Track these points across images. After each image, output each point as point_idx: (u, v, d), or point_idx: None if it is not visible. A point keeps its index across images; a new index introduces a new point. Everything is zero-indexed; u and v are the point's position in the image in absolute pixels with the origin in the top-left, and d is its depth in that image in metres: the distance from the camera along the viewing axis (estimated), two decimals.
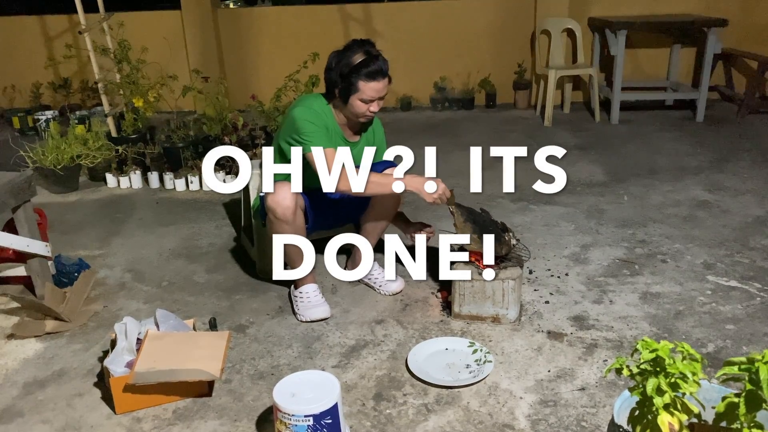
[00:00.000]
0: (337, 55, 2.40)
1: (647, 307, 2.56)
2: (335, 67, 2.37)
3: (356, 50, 2.36)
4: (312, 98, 2.49)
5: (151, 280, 2.96)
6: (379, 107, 2.45)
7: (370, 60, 2.34)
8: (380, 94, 2.40)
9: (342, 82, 2.36)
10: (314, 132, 2.37)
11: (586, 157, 4.61)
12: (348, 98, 2.38)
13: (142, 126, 4.54)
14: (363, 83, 2.34)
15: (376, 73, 2.35)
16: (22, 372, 2.28)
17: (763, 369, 0.93)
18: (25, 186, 2.57)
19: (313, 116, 2.40)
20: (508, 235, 2.55)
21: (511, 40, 6.23)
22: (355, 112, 2.42)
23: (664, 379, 0.99)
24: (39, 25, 6.49)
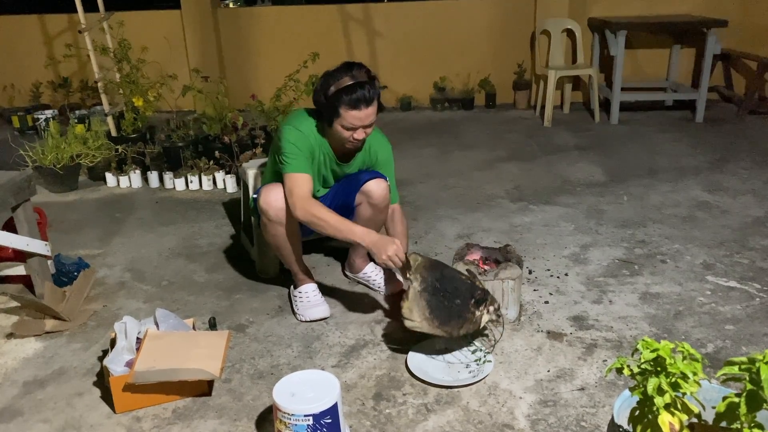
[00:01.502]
0: (325, 77, 2.32)
1: (647, 307, 2.56)
2: (320, 89, 2.30)
3: (344, 74, 2.26)
4: (303, 117, 2.42)
5: (151, 280, 2.96)
6: (367, 135, 2.35)
7: (355, 87, 2.23)
8: (363, 123, 2.29)
9: (326, 106, 2.28)
10: (293, 155, 2.32)
11: (586, 157, 4.61)
12: (331, 123, 2.30)
13: (141, 125, 4.54)
14: (344, 110, 2.24)
15: (358, 101, 2.23)
16: (22, 371, 2.28)
17: (764, 369, 0.93)
18: (24, 185, 2.57)
19: (297, 137, 2.34)
20: (480, 311, 2.19)
21: (511, 40, 6.24)
22: (338, 137, 2.35)
23: (665, 378, 0.99)
24: (39, 24, 6.48)
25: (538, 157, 4.68)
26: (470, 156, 4.77)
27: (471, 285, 2.22)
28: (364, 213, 2.52)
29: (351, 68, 2.29)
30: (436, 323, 2.15)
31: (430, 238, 3.30)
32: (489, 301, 2.21)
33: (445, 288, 2.19)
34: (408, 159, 4.61)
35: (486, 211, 3.66)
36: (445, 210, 3.68)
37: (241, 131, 4.28)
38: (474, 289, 2.21)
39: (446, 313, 2.16)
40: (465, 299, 2.17)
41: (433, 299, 2.16)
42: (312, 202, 2.30)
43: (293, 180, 2.32)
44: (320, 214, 2.26)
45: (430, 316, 2.15)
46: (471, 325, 2.17)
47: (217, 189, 4.21)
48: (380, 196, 2.48)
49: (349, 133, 2.30)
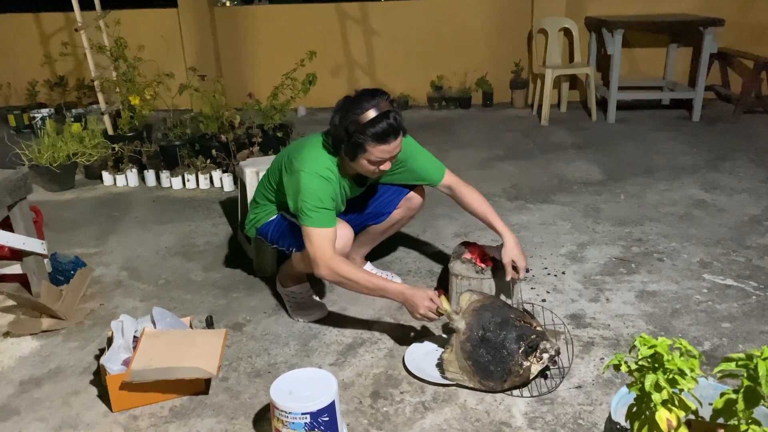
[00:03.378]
0: (343, 108, 2.10)
1: (644, 305, 2.57)
2: (341, 123, 2.09)
3: (365, 105, 2.06)
4: (320, 155, 2.21)
5: (148, 278, 2.95)
6: (392, 164, 2.20)
7: (381, 119, 2.05)
8: (392, 155, 2.13)
9: (348, 141, 2.09)
10: (316, 208, 2.12)
11: (583, 156, 4.61)
12: (355, 158, 2.13)
13: (138, 124, 4.53)
14: (372, 146, 2.07)
15: (386, 134, 2.06)
16: (18, 370, 2.27)
17: (761, 365, 0.93)
18: (20, 184, 2.57)
19: (320, 187, 2.14)
20: (530, 360, 1.99)
21: (508, 39, 6.24)
22: (362, 171, 2.20)
23: (663, 375, 0.99)
24: (35, 22, 6.47)
25: (535, 156, 4.68)
26: (467, 155, 4.77)
27: (522, 330, 2.04)
28: (397, 215, 2.61)
29: (372, 96, 2.09)
30: (477, 378, 2.03)
31: (427, 237, 3.30)
32: (542, 349, 2.00)
33: (491, 337, 2.03)
34: None
35: None
36: (442, 209, 3.68)
37: (238, 130, 4.27)
38: (525, 336, 2.02)
39: (490, 366, 2.01)
40: (513, 350, 2.00)
41: (475, 351, 2.03)
42: (338, 261, 2.12)
43: (317, 236, 2.13)
44: (349, 274, 2.11)
45: (471, 369, 2.03)
46: (517, 378, 2.00)
47: (214, 188, 4.20)
48: (419, 204, 2.66)
49: (374, 167, 2.15)
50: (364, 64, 6.43)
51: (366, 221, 2.63)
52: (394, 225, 2.69)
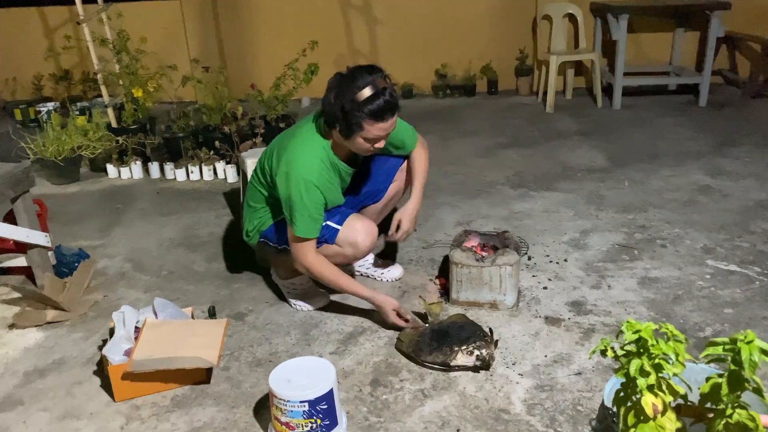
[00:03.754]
0: (338, 86, 2.07)
1: (645, 291, 2.56)
2: (336, 100, 2.06)
3: (361, 82, 2.03)
4: (312, 145, 2.21)
5: (151, 270, 2.97)
6: (385, 143, 2.21)
7: (378, 95, 2.03)
8: (387, 132, 2.14)
9: (343, 119, 2.07)
10: (305, 216, 2.16)
11: (587, 142, 4.59)
12: (350, 136, 2.11)
13: (142, 116, 4.54)
14: (369, 123, 2.06)
15: (384, 111, 2.05)
16: (23, 361, 2.30)
17: (744, 349, 0.93)
18: (23, 177, 2.59)
19: (308, 195, 2.15)
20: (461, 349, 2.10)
21: (513, 25, 6.19)
22: (357, 149, 2.20)
23: (648, 360, 0.99)
24: (39, 16, 6.49)
25: (539, 143, 4.66)
26: (471, 143, 4.76)
27: (474, 337, 2.12)
28: (394, 189, 2.64)
29: (369, 73, 2.06)
30: (411, 348, 2.18)
31: (429, 226, 3.30)
32: (476, 346, 2.09)
33: (447, 332, 2.17)
34: None
35: (486, 197, 3.66)
36: (444, 197, 3.68)
37: (240, 121, 4.28)
38: (471, 339, 2.11)
39: (429, 345, 2.14)
40: (454, 341, 2.12)
41: (429, 335, 2.18)
42: (318, 262, 2.23)
43: (302, 245, 2.21)
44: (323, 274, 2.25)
45: (415, 342, 2.18)
46: (441, 356, 2.10)
47: (217, 179, 4.22)
48: None
49: (369, 145, 2.15)
50: (368, 53, 6.40)
51: (364, 202, 2.62)
52: (391, 200, 2.67)
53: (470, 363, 2.09)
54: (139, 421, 1.96)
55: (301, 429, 1.74)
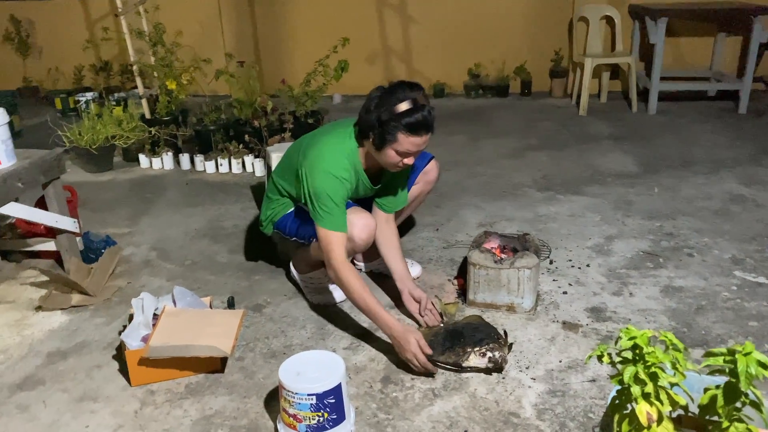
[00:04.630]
0: (379, 97, 2.13)
1: (668, 300, 2.50)
2: (374, 110, 2.11)
3: (402, 96, 2.08)
4: (340, 147, 2.24)
5: (175, 259, 3.02)
6: (414, 159, 2.22)
7: (417, 110, 2.07)
8: (419, 148, 2.15)
9: (379, 128, 2.11)
10: (330, 209, 2.16)
11: (619, 147, 4.51)
12: (383, 147, 2.14)
13: (175, 108, 4.62)
14: (403, 135, 2.09)
15: (420, 126, 2.08)
16: (47, 342, 2.36)
17: (741, 361, 0.90)
18: (54, 164, 2.66)
19: (335, 188, 2.16)
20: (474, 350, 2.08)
21: (548, 27, 6.12)
22: (385, 162, 2.20)
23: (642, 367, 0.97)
24: (82, 8, 6.65)
25: (569, 147, 4.59)
26: (500, 144, 4.72)
27: (488, 339, 2.10)
28: (416, 191, 2.63)
29: (411, 89, 2.12)
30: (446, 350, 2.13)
31: (451, 226, 3.29)
32: (489, 348, 2.07)
33: (461, 332, 2.16)
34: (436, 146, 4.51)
35: (511, 199, 3.62)
36: (469, 198, 3.66)
37: (270, 116, 4.32)
38: (484, 341, 2.09)
39: (442, 345, 2.13)
40: (467, 342, 2.10)
41: (442, 335, 2.18)
42: (345, 269, 2.15)
43: (331, 239, 2.16)
44: (349, 286, 2.14)
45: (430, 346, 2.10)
46: (453, 356, 2.09)
47: (245, 172, 4.27)
48: (437, 175, 2.69)
49: (399, 158, 2.16)
50: (401, 51, 6.40)
51: None
52: (412, 203, 2.68)
53: (482, 365, 2.07)
54: (153, 406, 2.00)
55: (309, 422, 1.76)
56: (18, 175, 2.46)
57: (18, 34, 6.71)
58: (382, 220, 2.49)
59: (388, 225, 2.51)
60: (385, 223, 2.49)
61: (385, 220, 2.51)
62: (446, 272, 2.81)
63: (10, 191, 2.43)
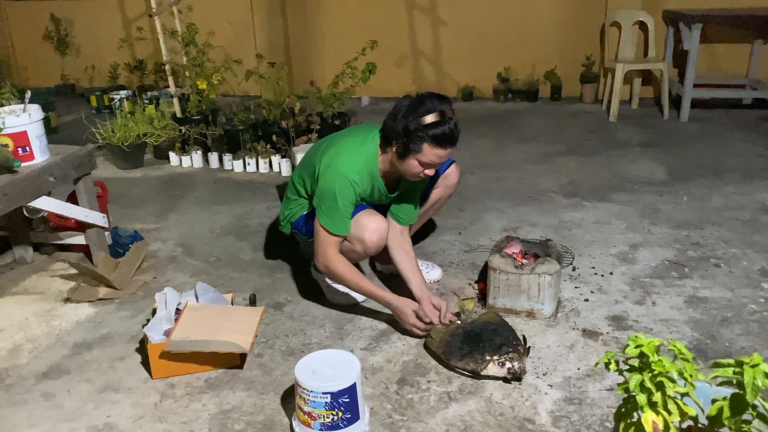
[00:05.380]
0: (408, 106, 2.15)
1: (692, 311, 2.46)
2: (402, 118, 2.14)
3: (431, 107, 2.11)
4: (359, 151, 2.27)
5: (200, 255, 3.07)
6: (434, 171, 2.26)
7: (444, 122, 2.10)
8: (442, 161, 2.20)
9: (404, 137, 2.13)
10: (336, 212, 2.22)
11: (649, 154, 4.44)
12: (406, 156, 2.17)
13: (205, 108, 4.69)
14: (428, 146, 2.12)
15: (446, 139, 2.12)
16: (73, 333, 2.43)
17: (748, 372, 0.88)
18: (85, 159, 2.73)
19: (346, 191, 2.20)
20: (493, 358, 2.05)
21: (580, 31, 6.06)
22: (407, 171, 2.23)
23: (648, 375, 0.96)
24: (119, 8, 6.80)
25: (598, 153, 4.54)
26: (527, 149, 4.69)
27: (507, 345, 2.08)
28: (435, 195, 2.63)
29: (439, 101, 2.14)
30: (441, 349, 2.15)
31: (474, 230, 3.28)
32: (509, 358, 2.04)
33: (480, 335, 2.13)
34: (462, 150, 4.53)
35: (536, 205, 3.60)
36: (493, 202, 3.64)
37: (298, 117, 4.36)
38: (503, 346, 2.07)
39: (461, 350, 2.11)
40: (486, 348, 2.08)
41: (460, 336, 2.15)
42: (338, 260, 2.27)
43: (325, 238, 2.26)
44: (342, 275, 2.27)
45: (444, 343, 2.15)
46: (471, 364, 2.07)
47: (272, 172, 4.31)
48: (457, 180, 2.66)
49: (421, 169, 2.19)
50: (430, 54, 6.40)
51: None
52: (433, 206, 2.69)
53: (501, 374, 2.05)
54: (172, 399, 2.04)
55: (323, 420, 1.77)
56: (50, 170, 2.53)
57: (57, 32, 6.89)
58: (397, 231, 2.50)
59: (403, 236, 2.52)
60: (399, 234, 2.51)
61: (400, 231, 2.52)
62: (467, 276, 2.80)
63: (42, 185, 2.50)
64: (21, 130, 2.47)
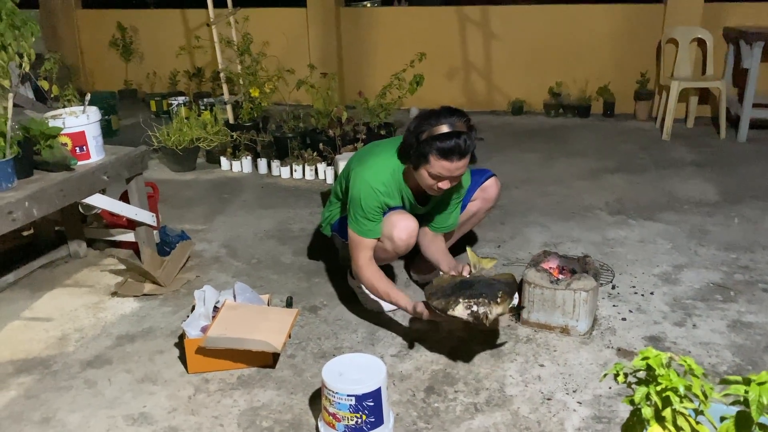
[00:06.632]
0: (422, 117, 2.20)
1: (734, 336, 2.39)
2: (414, 130, 2.19)
3: (441, 119, 2.14)
4: (387, 161, 2.33)
5: (243, 257, 3.16)
6: (452, 185, 2.25)
7: (451, 136, 2.11)
8: (452, 174, 2.17)
9: (416, 148, 2.17)
10: (366, 219, 2.28)
11: (701, 174, 4.32)
12: (418, 167, 2.21)
13: (257, 115, 4.82)
14: (434, 158, 2.14)
15: (451, 152, 2.12)
16: (118, 326, 2.54)
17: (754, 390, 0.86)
18: (138, 160, 2.85)
19: (373, 200, 2.27)
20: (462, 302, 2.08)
21: (635, 48, 5.95)
22: (422, 183, 2.25)
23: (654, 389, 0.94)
24: (180, 17, 7.06)
25: (648, 171, 4.44)
26: (576, 164, 4.63)
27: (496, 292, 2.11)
28: (473, 207, 2.65)
29: (451, 114, 2.16)
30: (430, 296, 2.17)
31: (514, 243, 3.26)
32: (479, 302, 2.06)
33: (474, 285, 2.15)
34: (509, 163, 4.56)
35: (579, 221, 3.55)
36: (536, 217, 3.61)
37: (345, 126, 4.43)
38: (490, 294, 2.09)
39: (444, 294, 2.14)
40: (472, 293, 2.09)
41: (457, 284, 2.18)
42: (369, 268, 2.32)
43: (357, 242, 2.32)
44: (369, 282, 2.32)
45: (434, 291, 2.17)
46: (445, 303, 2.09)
47: (317, 179, 4.39)
48: (497, 193, 2.67)
49: (433, 181, 2.21)
50: (481, 68, 6.40)
51: None
52: (470, 219, 2.70)
53: (464, 316, 2.06)
54: (205, 393, 2.11)
55: (347, 422, 1.80)
56: (104, 169, 2.66)
57: (123, 39, 7.20)
58: (429, 235, 2.53)
59: (436, 236, 2.55)
60: (432, 236, 2.54)
61: (433, 235, 2.55)
62: None
63: (96, 183, 2.63)
64: (79, 130, 2.61)
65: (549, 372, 2.19)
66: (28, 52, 2.41)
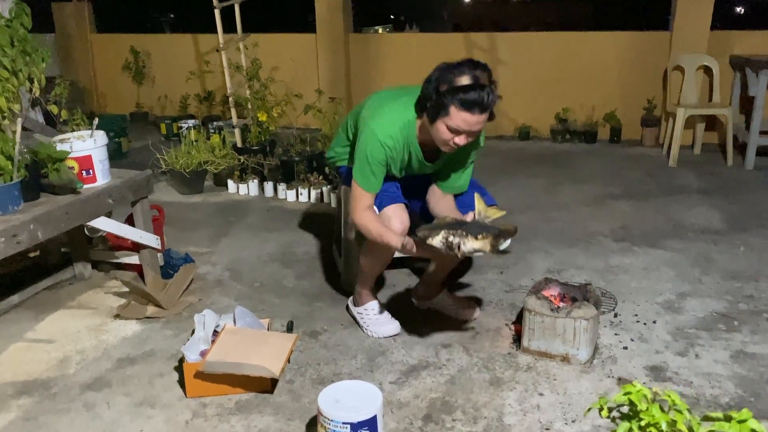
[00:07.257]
0: (442, 69, 2.12)
1: (737, 366, 2.36)
2: (434, 81, 2.11)
3: (464, 71, 2.07)
4: (398, 111, 2.26)
5: (246, 280, 3.17)
6: (467, 141, 2.16)
7: (474, 87, 2.03)
8: (471, 128, 2.09)
9: (435, 99, 2.09)
10: (369, 172, 2.28)
11: (707, 201, 4.30)
12: (435, 119, 2.12)
13: (264, 139, 4.87)
14: (455, 109, 2.05)
15: (474, 104, 2.03)
16: (119, 348, 2.55)
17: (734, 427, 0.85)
18: (143, 184, 2.88)
19: (379, 153, 2.25)
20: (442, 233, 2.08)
21: (642, 74, 5.97)
22: (437, 137, 2.16)
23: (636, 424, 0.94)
24: (192, 42, 7.18)
25: (654, 197, 4.43)
26: (581, 190, 4.63)
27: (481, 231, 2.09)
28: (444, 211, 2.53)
29: (475, 67, 2.08)
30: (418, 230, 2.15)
31: (517, 270, 3.25)
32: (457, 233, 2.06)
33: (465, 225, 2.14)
34: (514, 189, 4.57)
35: (584, 247, 3.54)
36: (540, 243, 3.61)
37: None
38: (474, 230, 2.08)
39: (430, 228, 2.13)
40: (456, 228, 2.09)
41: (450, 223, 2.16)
42: (367, 214, 2.32)
43: (358, 192, 2.32)
44: (370, 225, 2.30)
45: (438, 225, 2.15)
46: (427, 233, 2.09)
47: (323, 203, 4.42)
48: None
49: (450, 135, 2.12)
50: None
51: None
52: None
53: (438, 245, 2.06)
54: (203, 418, 2.11)
55: None
56: (110, 192, 2.69)
57: (136, 63, 7.32)
58: (438, 194, 2.49)
59: (445, 195, 2.50)
60: (441, 194, 2.49)
61: (442, 194, 2.49)
62: (504, 316, 2.78)
63: (101, 206, 2.66)
64: (86, 154, 2.65)
65: (548, 401, 2.18)
66: (38, 77, 2.46)
